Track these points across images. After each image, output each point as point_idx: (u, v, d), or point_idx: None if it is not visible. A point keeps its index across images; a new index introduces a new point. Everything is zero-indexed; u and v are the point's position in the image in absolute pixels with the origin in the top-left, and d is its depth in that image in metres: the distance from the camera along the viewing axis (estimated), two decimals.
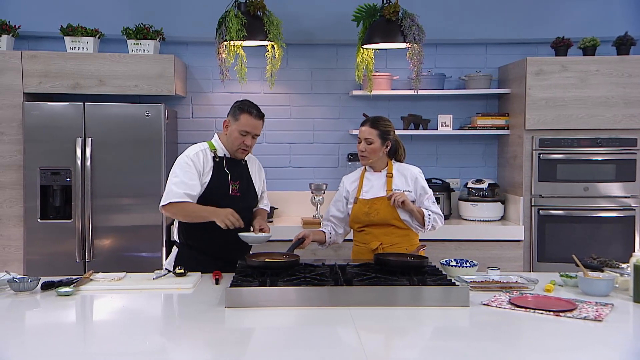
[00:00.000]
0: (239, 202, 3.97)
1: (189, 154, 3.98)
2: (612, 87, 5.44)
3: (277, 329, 2.86)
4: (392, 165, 4.14)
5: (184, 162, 3.94)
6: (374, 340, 2.72)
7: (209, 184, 3.94)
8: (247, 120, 3.95)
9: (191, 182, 3.87)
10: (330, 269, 3.54)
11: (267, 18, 5.25)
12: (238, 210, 3.91)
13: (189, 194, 3.85)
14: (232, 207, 3.87)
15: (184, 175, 3.89)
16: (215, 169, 3.98)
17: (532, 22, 5.94)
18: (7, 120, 5.29)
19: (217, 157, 4.01)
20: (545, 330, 2.76)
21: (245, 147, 3.99)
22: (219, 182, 3.96)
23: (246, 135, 3.95)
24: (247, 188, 4.09)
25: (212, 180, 3.95)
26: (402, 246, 4.01)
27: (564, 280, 3.50)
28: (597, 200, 5.53)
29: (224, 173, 3.99)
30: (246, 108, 3.99)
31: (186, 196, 3.84)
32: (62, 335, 2.82)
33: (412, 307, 3.08)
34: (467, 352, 2.56)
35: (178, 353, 2.56)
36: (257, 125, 4.00)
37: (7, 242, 5.33)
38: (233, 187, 3.99)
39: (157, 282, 3.53)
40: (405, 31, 5.18)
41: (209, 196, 3.93)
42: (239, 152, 4.02)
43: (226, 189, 3.97)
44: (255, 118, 3.98)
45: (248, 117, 3.96)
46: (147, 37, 5.50)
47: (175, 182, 3.88)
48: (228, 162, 4.03)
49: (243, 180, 4.07)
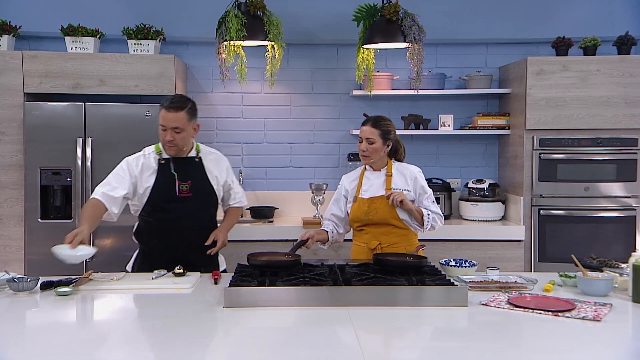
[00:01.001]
0: (191, 203, 3.91)
1: (129, 158, 3.97)
2: (612, 87, 5.43)
3: (275, 329, 2.85)
4: (392, 164, 4.14)
5: (120, 166, 3.95)
6: (373, 340, 2.72)
7: (153, 188, 3.89)
8: (162, 114, 3.84)
9: (115, 184, 3.86)
10: (329, 269, 3.53)
11: (267, 18, 5.25)
12: (189, 211, 3.89)
13: (108, 195, 3.82)
14: (182, 209, 3.88)
15: (113, 178, 3.90)
16: (160, 171, 3.91)
17: (532, 21, 5.94)
18: (7, 120, 5.29)
19: (162, 159, 3.93)
20: (543, 330, 2.76)
21: (168, 143, 3.86)
22: (164, 184, 3.89)
23: (165, 130, 3.83)
24: (202, 187, 3.98)
25: (156, 184, 3.89)
26: (401, 246, 4.01)
27: (563, 280, 3.50)
28: (597, 200, 5.52)
29: (170, 175, 3.91)
30: (163, 102, 3.87)
31: (103, 195, 3.81)
32: (60, 335, 2.82)
33: (410, 307, 3.08)
34: (466, 352, 2.56)
35: (177, 353, 2.56)
36: (172, 118, 3.82)
37: (7, 242, 5.34)
38: (182, 188, 3.90)
39: (156, 282, 3.53)
40: (405, 31, 5.18)
41: (154, 200, 3.90)
42: (166, 148, 3.91)
43: (172, 191, 3.89)
44: (168, 110, 3.82)
45: (162, 111, 3.85)
46: (148, 37, 5.50)
47: (102, 183, 3.91)
48: (176, 163, 3.94)
49: (196, 179, 3.97)
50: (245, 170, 6.11)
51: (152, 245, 3.98)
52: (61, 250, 3.45)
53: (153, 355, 2.53)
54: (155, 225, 3.94)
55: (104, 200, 3.80)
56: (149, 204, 3.90)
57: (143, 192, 3.90)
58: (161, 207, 3.84)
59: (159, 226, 3.93)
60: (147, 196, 3.89)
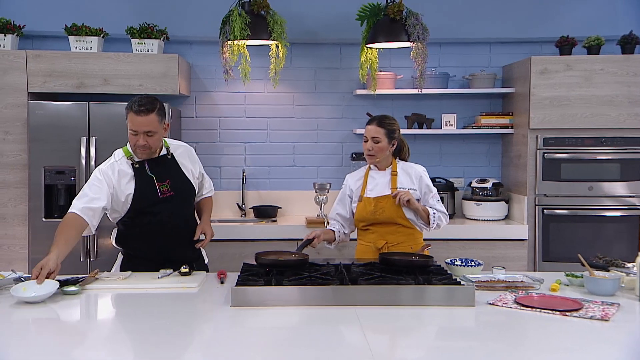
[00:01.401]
0: (174, 201, 3.83)
1: (102, 167, 3.79)
2: (616, 86, 5.43)
3: (283, 328, 2.86)
4: (397, 163, 4.14)
5: (94, 177, 3.76)
6: (381, 339, 2.72)
7: (135, 194, 3.75)
8: (130, 118, 3.66)
9: (94, 195, 3.67)
10: (335, 269, 3.53)
11: (271, 17, 5.25)
12: (173, 210, 3.82)
13: (89, 208, 3.64)
14: (168, 210, 3.79)
15: (90, 189, 3.71)
16: (137, 176, 3.77)
17: (536, 21, 5.93)
18: (11, 119, 5.29)
19: (135, 163, 3.79)
20: (551, 330, 2.76)
21: (141, 148, 3.71)
22: (145, 188, 3.77)
23: (137, 135, 3.67)
24: (181, 183, 3.89)
25: (137, 189, 3.76)
26: (407, 245, 4.01)
27: (569, 280, 3.50)
28: (601, 199, 5.52)
29: (148, 177, 3.78)
30: (130, 105, 3.67)
31: (84, 210, 3.62)
32: (67, 334, 2.82)
33: (417, 306, 3.08)
34: (474, 352, 2.56)
35: (185, 352, 2.56)
36: (143, 122, 3.64)
37: (11, 241, 5.34)
38: (163, 189, 3.79)
39: (162, 281, 3.53)
40: (409, 30, 5.17)
41: (137, 205, 3.77)
42: (138, 152, 3.76)
43: (154, 194, 3.78)
44: (138, 114, 3.63)
45: (131, 114, 3.66)
46: (151, 37, 5.50)
47: (79, 195, 3.72)
48: (151, 164, 3.80)
49: (174, 177, 3.86)
50: (249, 169, 6.11)
51: (137, 248, 3.88)
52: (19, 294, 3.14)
53: (162, 354, 2.52)
54: (140, 229, 3.83)
55: (84, 215, 3.61)
56: (132, 210, 3.78)
57: (125, 199, 3.75)
58: (145, 211, 3.74)
59: (144, 229, 3.82)
60: (130, 203, 3.76)
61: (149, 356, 2.52)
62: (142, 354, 2.54)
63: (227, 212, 6.03)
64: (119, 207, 3.80)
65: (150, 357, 2.52)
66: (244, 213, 6.04)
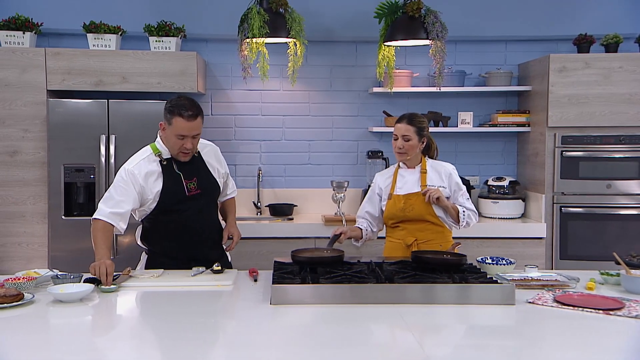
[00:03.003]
0: (201, 200, 3.83)
1: (127, 167, 3.76)
2: (635, 84, 5.43)
3: (329, 326, 2.84)
4: (426, 161, 4.15)
5: (120, 177, 3.73)
6: (431, 338, 2.72)
7: (162, 191, 3.75)
8: (180, 124, 3.65)
9: (120, 198, 3.66)
10: (367, 266, 3.54)
11: (289, 15, 5.24)
12: (200, 208, 3.83)
13: (116, 213, 3.64)
14: (194, 208, 3.79)
15: (115, 192, 3.70)
16: (165, 173, 3.77)
17: (552, 19, 5.93)
18: (30, 117, 5.27)
19: (163, 160, 3.79)
20: (598, 329, 2.76)
21: (185, 151, 3.74)
22: (172, 186, 3.77)
23: (183, 139, 3.69)
24: (207, 182, 3.89)
25: (165, 187, 3.75)
26: (436, 242, 4.02)
27: (604, 279, 3.50)
28: (619, 197, 5.53)
29: (175, 175, 3.78)
30: (177, 110, 3.66)
31: (111, 216, 3.63)
32: (113, 331, 2.82)
33: (457, 305, 3.08)
34: (523, 350, 2.57)
35: (233, 351, 2.54)
36: (193, 126, 3.68)
37: (30, 238, 5.32)
38: (190, 187, 3.79)
39: (195, 279, 3.53)
40: (428, 28, 5.17)
41: (165, 205, 3.77)
42: (181, 155, 3.77)
43: (182, 191, 3.77)
44: (188, 119, 3.65)
45: (180, 120, 3.64)
46: (169, 34, 5.48)
47: (105, 198, 3.71)
48: (178, 162, 3.80)
49: (201, 176, 3.87)
50: (264, 167, 6.10)
51: (163, 246, 3.87)
52: (57, 292, 3.13)
53: (216, 352, 2.51)
54: (166, 226, 3.82)
55: (112, 221, 3.63)
56: (158, 207, 3.77)
57: (152, 197, 3.74)
58: (171, 209, 3.73)
59: (169, 227, 3.81)
60: (157, 200, 3.76)
61: (200, 355, 2.51)
62: (192, 353, 2.53)
63: (243, 210, 6.01)
64: (145, 205, 3.79)
65: (201, 356, 2.50)
66: (259, 211, 6.03)
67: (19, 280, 3.25)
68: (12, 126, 5.28)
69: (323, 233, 5.26)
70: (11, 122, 5.28)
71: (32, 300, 3.09)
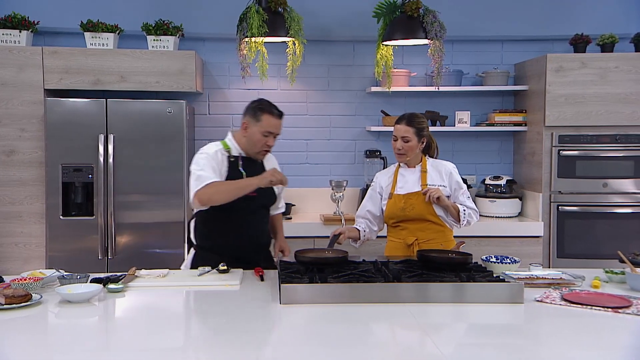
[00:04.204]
0: (255, 202, 3.88)
1: (208, 152, 3.85)
2: (631, 84, 5.48)
3: (343, 325, 2.83)
4: (426, 161, 4.16)
5: (204, 158, 3.81)
6: (443, 336, 2.72)
7: None
8: (269, 121, 3.84)
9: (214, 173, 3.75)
10: (373, 266, 3.54)
11: (288, 14, 5.24)
12: (252, 210, 3.89)
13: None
14: (246, 208, 3.84)
15: (207, 166, 3.76)
16: (231, 169, 3.86)
17: (548, 19, 5.97)
18: (27, 116, 5.24)
19: (231, 156, 3.89)
20: (608, 327, 2.77)
21: (267, 148, 3.89)
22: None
23: (269, 136, 3.85)
24: (264, 188, 3.87)
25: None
26: (437, 242, 4.03)
27: (608, 277, 3.52)
28: (616, 196, 5.57)
29: (238, 173, 3.85)
30: (267, 108, 3.87)
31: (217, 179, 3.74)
32: (123, 331, 2.81)
33: (466, 303, 3.08)
34: (537, 348, 2.59)
35: (252, 351, 2.53)
36: (279, 124, 3.90)
37: (28, 239, 5.29)
38: None
39: (202, 278, 3.51)
40: (427, 28, 5.19)
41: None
42: (261, 153, 3.91)
43: None
44: (277, 117, 3.88)
45: (270, 117, 3.84)
46: (167, 33, 5.46)
47: (202, 170, 3.74)
48: (244, 162, 3.90)
49: None
50: None
51: (213, 243, 3.91)
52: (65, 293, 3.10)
53: (232, 353, 2.50)
54: (219, 223, 3.87)
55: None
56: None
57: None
58: (228, 206, 3.75)
59: (222, 224, 3.86)
60: None
61: (216, 356, 2.50)
62: (206, 353, 2.52)
63: None
64: None
65: (217, 357, 2.50)
66: None
67: (26, 281, 3.23)
68: (8, 125, 5.25)
69: (322, 232, 5.26)
70: (8, 122, 5.25)
71: (40, 301, 3.07)
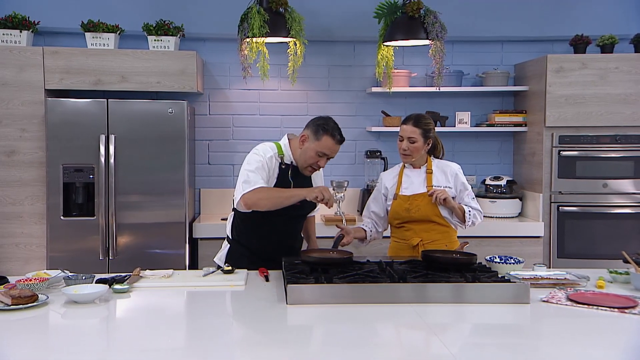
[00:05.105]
0: (297, 211, 3.89)
1: (264, 155, 3.84)
2: (631, 85, 5.50)
3: (351, 325, 2.83)
4: (432, 161, 4.16)
5: (258, 161, 3.81)
6: (450, 336, 2.73)
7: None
8: (328, 143, 3.80)
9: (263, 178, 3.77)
10: (378, 266, 3.54)
11: (289, 14, 5.23)
12: (292, 217, 3.92)
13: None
14: (287, 216, 3.85)
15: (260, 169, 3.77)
16: (280, 176, 3.87)
17: (548, 19, 5.98)
18: (28, 116, 5.22)
19: (283, 163, 3.89)
20: (615, 328, 2.78)
21: (316, 168, 3.90)
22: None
23: (322, 157, 3.84)
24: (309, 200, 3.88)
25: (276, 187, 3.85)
26: (442, 242, 4.03)
27: (613, 277, 3.53)
28: (616, 196, 5.59)
29: (287, 181, 3.87)
30: (330, 130, 3.81)
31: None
32: (130, 331, 2.80)
33: (471, 304, 3.09)
34: (545, 349, 2.59)
35: (261, 352, 2.54)
36: (337, 149, 3.88)
37: (28, 239, 5.27)
38: None
39: (207, 279, 3.51)
40: (428, 28, 5.19)
41: None
42: (308, 170, 3.90)
43: None
44: (337, 143, 3.83)
45: (330, 140, 3.80)
46: (168, 34, 5.45)
47: (253, 172, 3.76)
48: (293, 171, 3.91)
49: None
50: None
51: (250, 241, 3.95)
52: (71, 293, 3.11)
53: (239, 353, 2.50)
54: (259, 224, 3.88)
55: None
56: None
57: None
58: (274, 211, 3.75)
59: (262, 226, 3.88)
60: None
61: (225, 357, 2.50)
62: (214, 354, 2.52)
63: None
64: None
65: (226, 357, 2.50)
66: None
67: (32, 282, 3.22)
68: (9, 126, 5.23)
69: (323, 233, 5.22)
70: (8, 122, 5.23)
71: (46, 302, 3.06)
